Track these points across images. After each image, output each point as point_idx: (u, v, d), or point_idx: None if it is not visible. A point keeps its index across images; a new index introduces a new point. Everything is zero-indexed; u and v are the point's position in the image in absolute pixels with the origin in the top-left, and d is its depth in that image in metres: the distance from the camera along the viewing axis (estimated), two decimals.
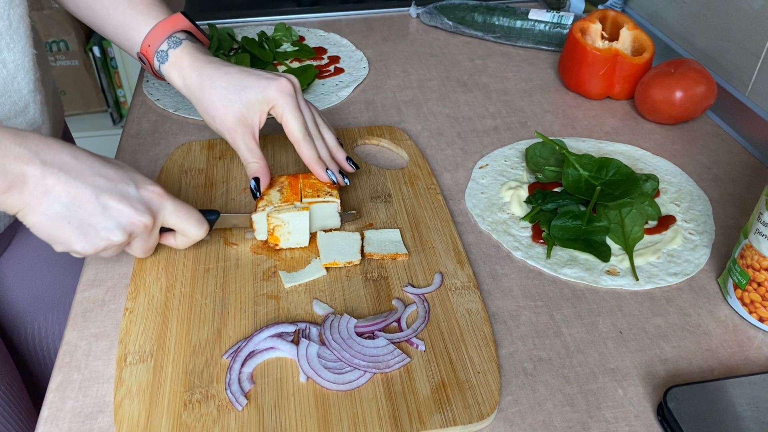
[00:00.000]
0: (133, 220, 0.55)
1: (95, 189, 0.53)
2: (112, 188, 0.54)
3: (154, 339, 0.56)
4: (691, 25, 0.94)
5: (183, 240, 0.61)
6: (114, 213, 0.54)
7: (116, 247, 0.56)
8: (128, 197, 0.54)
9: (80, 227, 0.53)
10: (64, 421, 0.51)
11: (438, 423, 0.49)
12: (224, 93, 0.65)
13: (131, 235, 0.56)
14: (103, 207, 0.53)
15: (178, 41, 0.68)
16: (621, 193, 0.68)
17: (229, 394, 0.51)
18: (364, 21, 1.17)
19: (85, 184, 0.52)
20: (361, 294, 0.60)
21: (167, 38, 0.68)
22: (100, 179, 0.53)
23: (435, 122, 0.88)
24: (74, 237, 0.53)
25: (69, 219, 0.52)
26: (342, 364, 0.53)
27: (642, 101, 0.87)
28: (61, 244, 0.54)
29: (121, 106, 2.32)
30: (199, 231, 0.60)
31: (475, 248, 0.67)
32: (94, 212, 0.53)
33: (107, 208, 0.53)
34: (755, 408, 0.49)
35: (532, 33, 1.05)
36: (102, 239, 0.54)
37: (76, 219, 0.52)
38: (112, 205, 0.53)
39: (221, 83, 0.65)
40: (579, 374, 0.54)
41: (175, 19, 0.69)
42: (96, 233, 0.54)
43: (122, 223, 0.54)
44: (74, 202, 0.52)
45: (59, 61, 2.09)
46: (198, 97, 0.67)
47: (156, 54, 0.68)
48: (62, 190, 0.51)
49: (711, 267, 0.65)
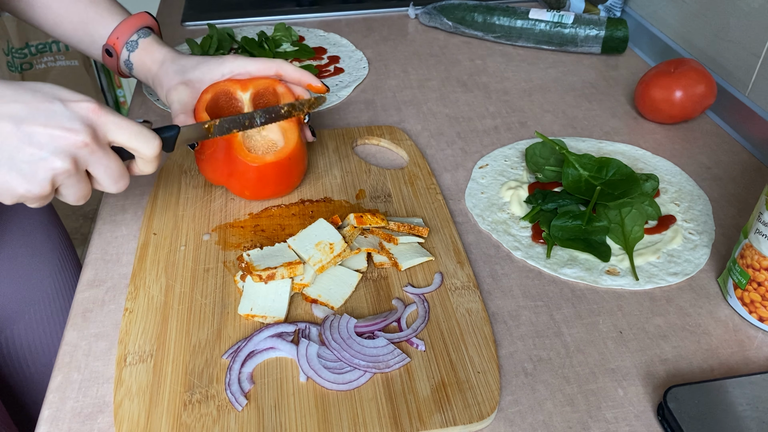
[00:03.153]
0: (69, 141, 0.48)
1: (13, 119, 0.47)
2: (34, 113, 0.48)
3: (154, 339, 0.56)
4: (691, 24, 0.94)
5: (141, 162, 0.55)
6: (43, 139, 0.48)
7: (71, 180, 0.50)
8: (55, 117, 0.48)
9: (13, 166, 0.47)
10: (64, 421, 0.51)
11: (438, 423, 0.49)
12: (180, 66, 0.71)
13: (76, 160, 0.50)
14: (29, 137, 0.47)
15: (148, 33, 0.75)
16: (621, 193, 0.68)
17: (229, 394, 0.51)
18: (364, 21, 1.17)
19: (2, 117, 0.47)
20: (361, 294, 0.60)
21: (137, 31, 0.74)
22: (16, 106, 0.48)
23: (435, 122, 0.88)
24: (13, 179, 0.48)
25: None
26: (342, 364, 0.53)
27: (642, 101, 0.87)
28: (4, 193, 0.49)
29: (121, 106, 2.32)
30: (150, 147, 0.53)
31: (475, 248, 0.67)
32: (20, 146, 0.47)
33: (33, 135, 0.47)
34: (755, 408, 0.49)
35: (532, 33, 1.05)
36: (43, 171, 0.48)
37: (5, 158, 0.47)
38: (38, 131, 0.48)
39: (181, 60, 0.72)
40: (579, 374, 0.54)
41: (143, 15, 0.75)
42: (34, 166, 0.48)
43: (58, 147, 0.48)
44: None
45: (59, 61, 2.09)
46: (156, 71, 0.72)
47: (126, 44, 0.74)
48: None
49: (711, 267, 0.65)
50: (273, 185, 0.69)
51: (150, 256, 0.64)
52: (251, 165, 0.65)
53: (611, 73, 1.00)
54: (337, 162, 0.78)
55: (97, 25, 0.74)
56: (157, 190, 0.73)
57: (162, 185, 0.74)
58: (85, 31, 0.74)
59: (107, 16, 0.74)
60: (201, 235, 0.67)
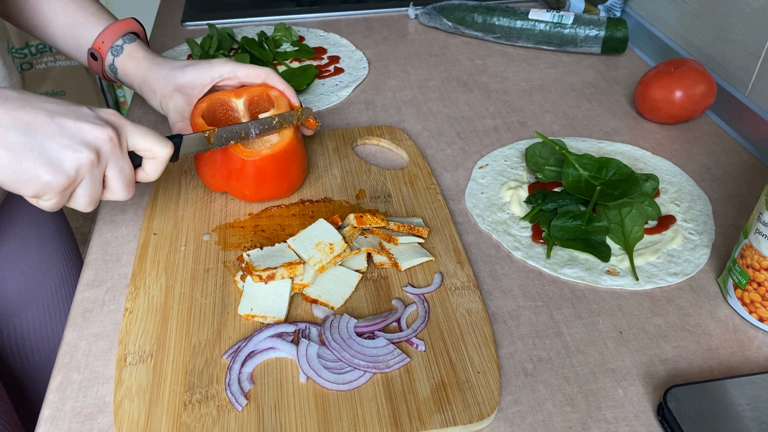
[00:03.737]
0: (96, 133, 0.52)
1: (47, 112, 0.51)
2: (66, 110, 0.52)
3: (154, 339, 0.56)
4: (691, 24, 0.94)
5: (151, 165, 0.58)
6: (74, 130, 0.51)
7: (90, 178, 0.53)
8: (84, 115, 0.53)
9: (43, 153, 0.50)
10: (64, 421, 0.51)
11: (438, 423, 0.49)
12: (169, 71, 0.72)
13: (99, 153, 0.53)
14: (60, 127, 0.51)
15: (133, 38, 0.76)
16: (621, 193, 0.68)
17: (229, 394, 0.51)
18: (364, 21, 1.17)
19: (36, 108, 0.51)
20: (361, 294, 0.60)
21: (122, 36, 0.75)
22: (50, 104, 0.52)
23: (435, 122, 0.88)
24: (40, 167, 0.50)
25: (30, 147, 0.49)
26: (342, 364, 0.53)
27: (642, 101, 0.87)
28: (28, 182, 0.50)
29: (120, 106, 2.32)
30: (165, 148, 0.57)
31: (475, 248, 0.67)
32: (52, 134, 0.50)
33: (65, 127, 0.51)
34: (755, 408, 0.49)
35: (532, 33, 1.05)
36: (70, 160, 0.51)
37: (37, 145, 0.50)
38: (69, 123, 0.51)
39: (168, 65, 0.73)
40: (579, 374, 0.54)
41: (129, 21, 0.76)
42: (62, 156, 0.50)
43: (86, 139, 0.52)
44: (29, 127, 0.50)
45: (59, 61, 2.09)
46: (144, 76, 0.73)
47: (111, 48, 0.75)
48: (13, 117, 0.49)
49: (711, 267, 0.65)
50: (272, 182, 0.69)
51: (150, 256, 0.64)
52: (248, 160, 0.65)
53: (611, 73, 1.00)
54: (337, 162, 0.78)
55: (83, 29, 0.75)
56: (157, 191, 0.73)
57: (162, 185, 0.74)
58: (72, 35, 0.75)
59: (93, 20, 0.75)
60: (201, 235, 0.67)
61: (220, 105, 0.71)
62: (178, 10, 1.21)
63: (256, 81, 0.73)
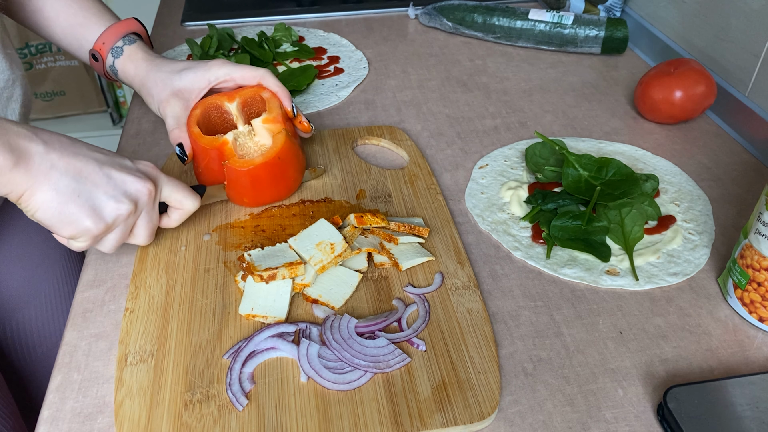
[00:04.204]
0: (138, 186, 0.56)
1: (97, 162, 0.55)
2: (111, 161, 0.56)
3: (155, 339, 0.56)
4: (691, 24, 0.94)
5: (177, 214, 0.62)
6: (119, 181, 0.55)
7: (123, 226, 0.57)
8: (128, 168, 0.57)
9: (89, 200, 0.54)
10: (64, 421, 0.51)
11: (439, 423, 0.49)
12: (167, 74, 0.72)
13: (137, 205, 0.57)
14: (107, 177, 0.55)
15: (133, 40, 0.76)
16: (621, 193, 0.68)
17: (230, 394, 0.51)
18: (364, 21, 1.17)
19: (87, 157, 0.54)
20: (362, 294, 0.60)
21: (122, 37, 0.75)
22: (98, 154, 0.56)
23: (435, 122, 0.88)
24: (83, 212, 0.54)
25: (78, 192, 0.53)
26: (343, 364, 0.53)
27: (642, 101, 0.87)
28: (70, 224, 0.54)
29: (120, 106, 2.32)
30: (194, 202, 0.62)
31: (475, 248, 0.67)
32: (100, 183, 0.54)
33: (111, 177, 0.55)
34: (755, 408, 0.49)
35: (532, 33, 1.05)
36: (111, 209, 0.55)
37: (85, 191, 0.54)
38: (115, 174, 0.55)
39: (167, 68, 0.73)
40: (579, 374, 0.54)
41: (130, 21, 0.76)
42: (105, 204, 0.55)
43: (128, 191, 0.56)
44: (80, 174, 0.53)
45: (59, 61, 2.09)
46: (143, 79, 0.73)
47: (111, 50, 0.75)
48: (67, 163, 0.53)
49: (711, 267, 0.65)
50: (268, 188, 0.69)
51: (150, 256, 0.64)
52: (242, 170, 0.65)
53: (611, 74, 1.00)
54: (337, 162, 0.78)
55: (84, 29, 0.75)
56: None
57: None
58: (73, 35, 0.76)
59: (95, 21, 0.75)
60: (202, 235, 0.67)
61: (214, 109, 0.71)
62: (178, 10, 1.21)
63: (251, 83, 0.72)
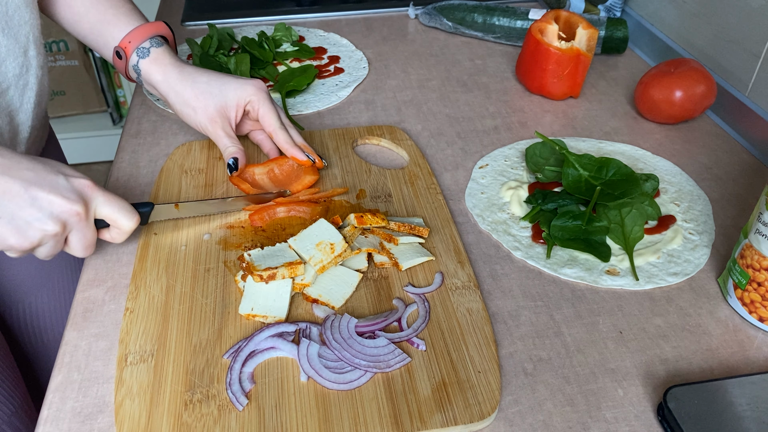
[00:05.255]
0: (65, 208, 0.55)
1: (23, 182, 0.53)
2: (41, 180, 0.54)
3: (155, 339, 0.56)
4: (691, 24, 0.94)
5: (116, 233, 0.61)
6: (44, 204, 0.54)
7: (53, 241, 0.56)
8: (58, 187, 0.55)
9: (12, 221, 0.53)
10: (64, 421, 0.51)
11: (439, 422, 0.49)
12: (206, 87, 0.73)
13: (65, 225, 0.56)
14: (33, 199, 0.53)
15: (160, 43, 0.75)
16: (621, 193, 0.68)
17: (230, 393, 0.51)
18: (364, 21, 1.17)
19: (14, 178, 0.53)
20: (362, 294, 0.60)
21: (150, 38, 0.75)
22: (27, 172, 0.54)
23: (435, 122, 0.88)
24: (8, 231, 0.53)
25: (1, 213, 0.53)
26: (343, 363, 0.53)
27: (642, 101, 0.87)
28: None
29: (120, 106, 2.32)
30: (130, 222, 0.60)
31: (475, 248, 0.67)
32: (23, 205, 0.53)
33: (37, 199, 0.54)
34: (755, 408, 0.49)
35: None
36: (36, 230, 0.54)
37: (7, 213, 0.53)
38: (42, 196, 0.54)
39: (203, 79, 0.73)
40: (579, 374, 0.54)
41: (159, 24, 0.76)
42: (28, 225, 0.54)
43: (54, 213, 0.54)
44: (3, 196, 0.52)
45: (59, 61, 2.09)
46: (178, 90, 0.73)
47: (137, 49, 0.74)
48: None
49: (711, 267, 0.65)
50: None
51: (151, 256, 0.64)
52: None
53: (611, 73, 1.00)
54: (338, 162, 0.78)
55: (112, 27, 0.75)
56: (158, 190, 0.73)
57: (162, 185, 0.74)
58: (100, 32, 0.75)
59: (124, 19, 0.75)
60: (202, 235, 0.67)
61: None
62: (178, 10, 1.21)
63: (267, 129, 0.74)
